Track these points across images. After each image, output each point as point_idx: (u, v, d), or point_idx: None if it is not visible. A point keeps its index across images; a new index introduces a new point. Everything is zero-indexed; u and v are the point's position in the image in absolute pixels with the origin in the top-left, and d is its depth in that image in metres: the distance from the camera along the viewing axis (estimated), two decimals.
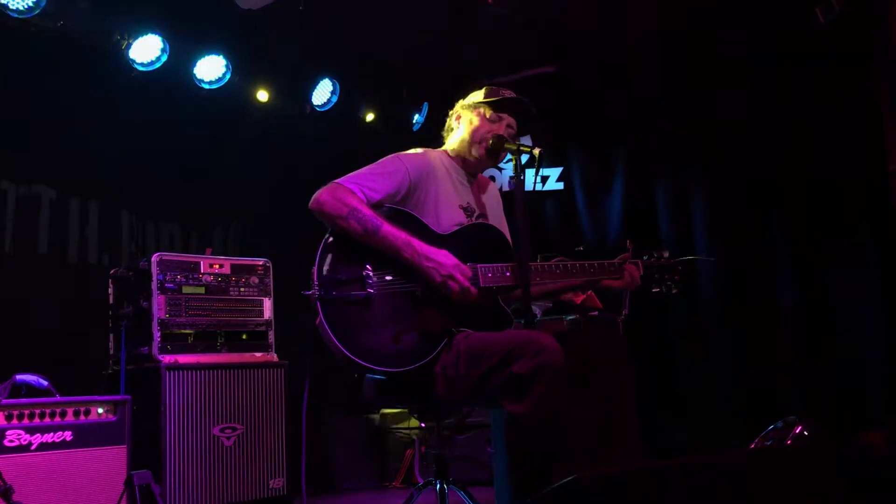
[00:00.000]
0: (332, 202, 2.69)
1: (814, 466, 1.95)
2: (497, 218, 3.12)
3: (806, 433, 3.38)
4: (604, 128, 5.73)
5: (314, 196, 2.74)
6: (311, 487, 4.73)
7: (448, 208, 2.88)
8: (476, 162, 2.99)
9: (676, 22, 5.10)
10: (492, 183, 3.20)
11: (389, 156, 2.89)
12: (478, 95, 3.01)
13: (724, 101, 5.16)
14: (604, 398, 2.70)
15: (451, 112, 3.10)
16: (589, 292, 4.16)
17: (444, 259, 2.65)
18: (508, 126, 2.97)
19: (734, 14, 4.90)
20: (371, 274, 2.65)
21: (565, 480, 1.44)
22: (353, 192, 2.72)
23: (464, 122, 3.00)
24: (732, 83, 5.11)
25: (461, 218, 2.90)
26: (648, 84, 5.45)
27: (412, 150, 2.95)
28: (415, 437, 5.05)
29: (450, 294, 2.64)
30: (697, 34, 5.16)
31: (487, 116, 2.95)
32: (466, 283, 2.64)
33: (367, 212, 2.68)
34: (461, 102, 3.06)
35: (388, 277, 2.67)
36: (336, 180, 2.77)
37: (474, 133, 2.95)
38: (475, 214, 2.97)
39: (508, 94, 2.99)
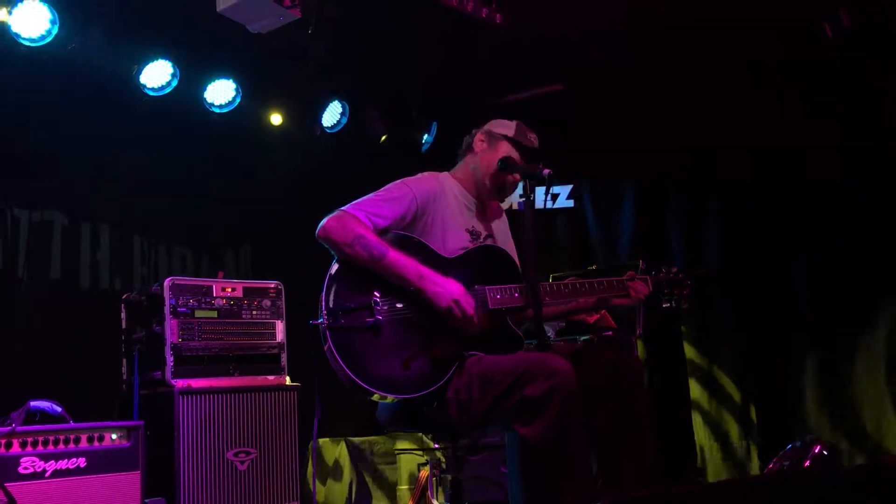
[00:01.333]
0: (339, 229, 2.69)
1: (834, 489, 1.93)
2: (504, 239, 3.11)
3: (825, 453, 3.34)
4: (614, 144, 5.72)
5: (321, 224, 2.75)
6: None
7: (455, 233, 2.88)
8: (486, 190, 2.99)
9: (687, 38, 5.10)
10: (499, 207, 3.19)
11: (396, 181, 2.89)
12: (508, 128, 2.99)
13: (734, 116, 5.15)
14: (618, 419, 2.68)
15: (474, 132, 3.08)
16: (602, 311, 4.14)
17: (451, 287, 2.64)
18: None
19: (745, 30, 4.90)
20: (379, 300, 2.65)
21: None
22: (360, 219, 2.72)
23: (486, 150, 2.99)
24: (743, 98, 5.10)
25: (466, 241, 2.90)
26: (658, 100, 5.44)
27: (419, 175, 2.95)
28: (428, 458, 5.02)
29: (452, 320, 2.64)
30: (708, 50, 5.16)
31: (509, 153, 2.94)
32: (470, 312, 2.64)
33: (373, 238, 2.68)
34: (490, 129, 3.04)
35: (396, 304, 2.67)
36: (342, 208, 2.78)
37: (492, 164, 2.94)
38: (482, 237, 2.96)
39: (534, 137, 2.99)
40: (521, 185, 2.83)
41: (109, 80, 4.45)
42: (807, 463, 3.30)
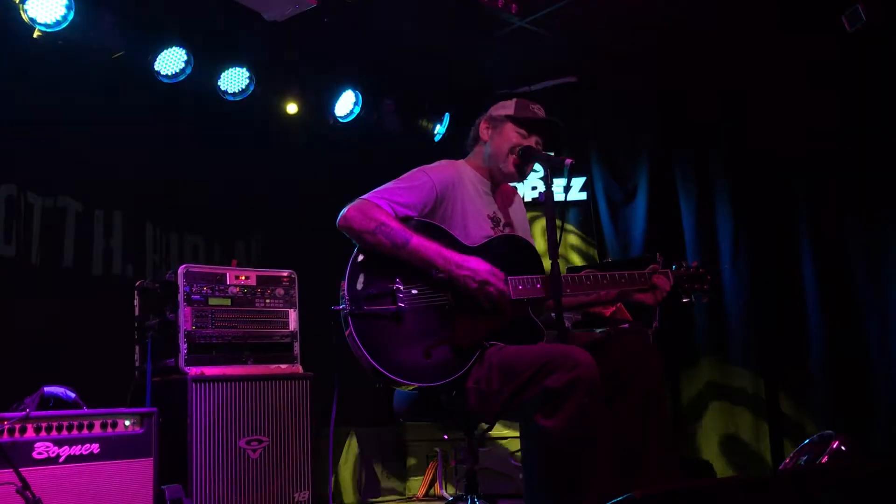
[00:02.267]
0: (360, 218, 2.69)
1: (853, 486, 1.92)
2: (523, 227, 3.11)
3: (843, 448, 3.32)
4: (626, 137, 5.70)
5: (341, 213, 2.74)
6: (333, 501, 4.71)
7: (475, 219, 2.88)
8: (502, 175, 2.99)
9: (700, 30, 5.08)
10: (515, 192, 3.19)
11: (414, 169, 2.89)
12: (507, 108, 2.99)
13: (747, 108, 5.13)
14: (638, 407, 2.66)
15: (478, 121, 3.08)
16: (618, 304, 4.13)
17: (477, 265, 2.65)
18: (537, 143, 2.98)
19: (758, 20, 4.88)
20: (401, 288, 2.64)
21: (618, 499, 1.41)
22: (381, 206, 2.72)
23: (493, 134, 2.99)
24: (754, 89, 5.09)
25: (488, 228, 2.90)
26: (671, 93, 5.42)
27: (437, 163, 2.95)
28: (438, 449, 5.02)
29: (487, 298, 2.63)
30: (720, 42, 5.15)
31: (518, 131, 2.94)
32: (503, 286, 2.64)
33: (396, 225, 2.67)
34: (490, 113, 3.04)
35: (417, 291, 2.66)
36: (362, 196, 2.77)
37: (503, 147, 2.94)
38: (502, 223, 2.96)
39: (538, 108, 2.98)
40: (533, 175, 2.82)
41: (124, 66, 4.44)
42: (824, 459, 3.28)
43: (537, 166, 3.03)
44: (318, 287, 3.74)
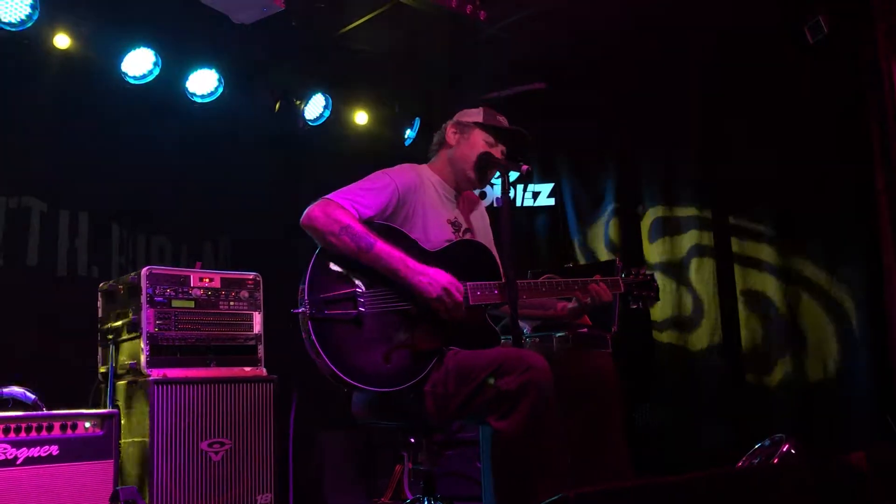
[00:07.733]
0: (324, 219, 2.69)
1: (800, 485, 1.96)
2: (484, 233, 3.14)
3: (793, 451, 3.39)
4: (594, 142, 5.75)
5: (305, 212, 2.75)
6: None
7: (436, 224, 2.90)
8: (466, 181, 3.01)
9: (666, 38, 5.15)
10: (478, 198, 3.22)
11: (377, 172, 2.91)
12: (476, 115, 3.01)
13: (710, 119, 5.21)
14: (592, 417, 2.70)
15: (444, 126, 3.10)
16: None
17: (437, 275, 2.66)
18: (502, 152, 3.01)
19: (723, 29, 4.96)
20: (362, 292, 2.65)
21: (550, 500, 1.44)
22: (345, 208, 2.72)
23: (461, 139, 3.01)
24: (718, 101, 5.17)
25: (449, 233, 2.92)
26: (638, 99, 5.49)
27: (398, 166, 2.97)
28: (404, 452, 5.03)
29: (442, 309, 2.65)
30: (686, 46, 5.22)
31: (486, 139, 2.97)
32: (459, 299, 2.66)
33: (360, 228, 2.68)
34: (458, 119, 3.06)
35: (379, 296, 2.67)
36: (326, 196, 2.78)
37: (471, 153, 2.97)
38: (462, 229, 2.99)
39: (503, 119, 3.02)
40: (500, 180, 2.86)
41: (91, 66, 4.42)
42: (775, 461, 3.35)
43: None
44: (286, 289, 3.75)
